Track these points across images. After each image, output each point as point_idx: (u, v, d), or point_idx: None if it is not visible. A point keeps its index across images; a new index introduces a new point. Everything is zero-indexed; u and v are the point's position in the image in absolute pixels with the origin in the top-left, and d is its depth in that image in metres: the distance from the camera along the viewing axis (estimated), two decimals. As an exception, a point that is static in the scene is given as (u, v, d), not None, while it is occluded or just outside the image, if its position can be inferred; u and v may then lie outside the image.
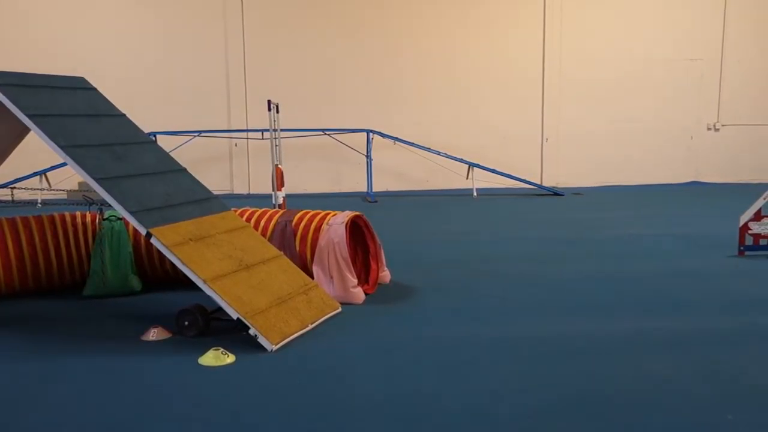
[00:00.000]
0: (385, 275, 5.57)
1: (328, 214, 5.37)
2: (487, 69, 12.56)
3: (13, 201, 10.12)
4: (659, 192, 11.89)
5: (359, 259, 5.44)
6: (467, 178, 11.75)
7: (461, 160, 11.76)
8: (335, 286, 5.02)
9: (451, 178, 12.10)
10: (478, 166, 11.69)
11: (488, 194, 11.54)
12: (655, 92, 12.83)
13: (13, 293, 5.26)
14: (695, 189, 12.39)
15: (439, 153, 11.81)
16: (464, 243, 7.41)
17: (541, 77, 12.67)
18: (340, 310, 4.79)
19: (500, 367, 3.73)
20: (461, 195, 11.65)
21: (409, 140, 11.76)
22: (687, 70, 12.88)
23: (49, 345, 4.21)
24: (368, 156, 11.68)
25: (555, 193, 11.71)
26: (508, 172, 11.76)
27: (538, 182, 12.41)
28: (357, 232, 5.43)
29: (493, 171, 11.64)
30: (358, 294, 5.05)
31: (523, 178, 11.86)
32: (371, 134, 11.71)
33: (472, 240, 7.63)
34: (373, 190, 11.54)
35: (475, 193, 11.58)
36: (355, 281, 5.06)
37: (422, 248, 7.07)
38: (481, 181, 11.75)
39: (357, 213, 5.36)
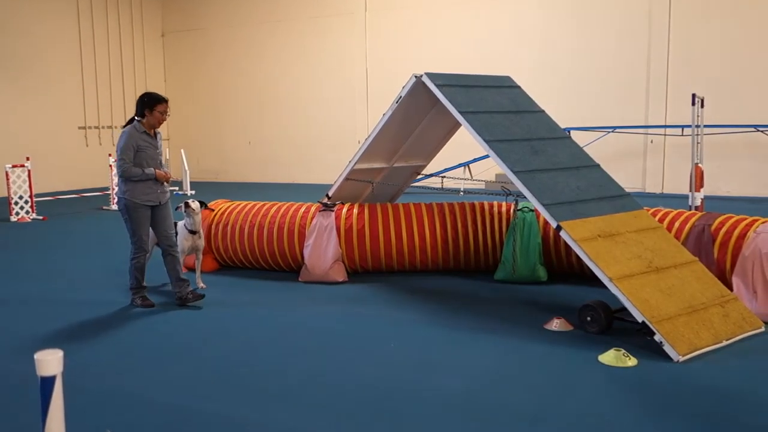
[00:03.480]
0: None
1: (756, 220, 4.80)
2: None
3: (442, 188, 11.40)
4: None
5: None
6: None
7: None
8: (759, 302, 4.46)
9: None
10: None
11: None
12: None
13: (435, 269, 5.96)
14: None
15: None
16: None
17: None
18: (762, 329, 4.23)
19: None
20: None
21: None
22: None
23: (465, 321, 4.65)
24: (812, 156, 10.04)
25: None
26: None
27: None
28: (791, 243, 4.71)
29: None
30: (788, 315, 4.40)
31: None
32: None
33: None
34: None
35: None
36: (785, 300, 4.41)
37: None
38: None
39: (793, 222, 4.66)
